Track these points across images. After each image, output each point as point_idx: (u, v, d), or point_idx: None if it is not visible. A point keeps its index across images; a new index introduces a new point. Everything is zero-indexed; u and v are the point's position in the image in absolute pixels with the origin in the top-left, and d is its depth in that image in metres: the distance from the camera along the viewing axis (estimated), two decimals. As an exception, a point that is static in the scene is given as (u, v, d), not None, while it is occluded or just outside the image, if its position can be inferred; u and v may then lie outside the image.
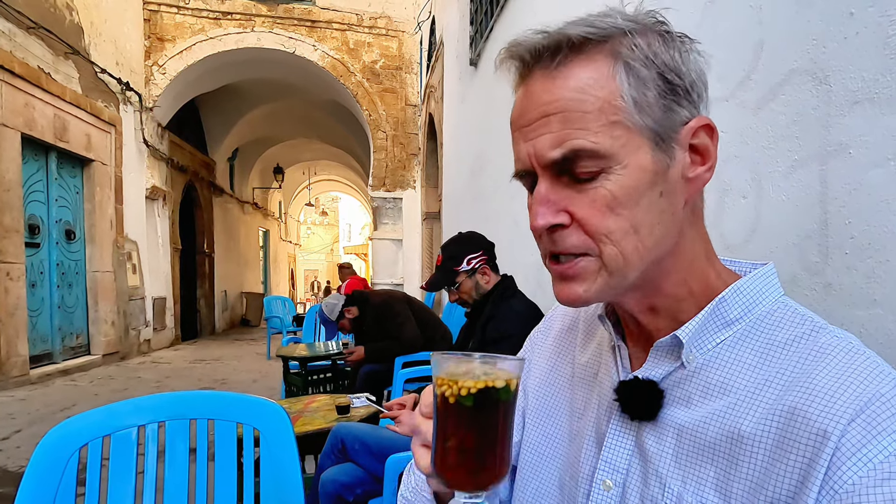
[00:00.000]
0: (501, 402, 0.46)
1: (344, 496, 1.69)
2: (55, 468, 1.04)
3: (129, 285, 7.23)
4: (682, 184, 0.51)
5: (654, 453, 0.53)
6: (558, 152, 0.48)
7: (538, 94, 0.50)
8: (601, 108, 0.48)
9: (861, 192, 0.89)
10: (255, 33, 8.20)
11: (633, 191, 0.49)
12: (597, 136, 0.47)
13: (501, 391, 0.46)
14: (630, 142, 0.48)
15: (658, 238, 0.50)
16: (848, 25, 0.92)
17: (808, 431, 0.43)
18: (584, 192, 0.49)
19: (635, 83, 0.48)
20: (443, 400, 0.46)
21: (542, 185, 0.51)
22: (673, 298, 0.54)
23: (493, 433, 0.46)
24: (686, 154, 0.51)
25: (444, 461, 0.47)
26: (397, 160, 8.87)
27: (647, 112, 0.48)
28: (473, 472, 0.46)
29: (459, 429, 0.46)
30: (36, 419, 4.02)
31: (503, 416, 0.47)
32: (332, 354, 3.91)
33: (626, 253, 0.50)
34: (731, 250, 1.22)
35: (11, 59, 5.08)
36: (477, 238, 2.14)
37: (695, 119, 0.51)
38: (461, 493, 0.47)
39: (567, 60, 0.49)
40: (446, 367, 0.47)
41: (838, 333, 0.49)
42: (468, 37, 4.73)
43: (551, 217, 0.50)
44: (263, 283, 16.02)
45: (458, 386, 0.45)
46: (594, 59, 0.49)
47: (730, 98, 1.22)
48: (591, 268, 0.51)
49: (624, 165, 0.48)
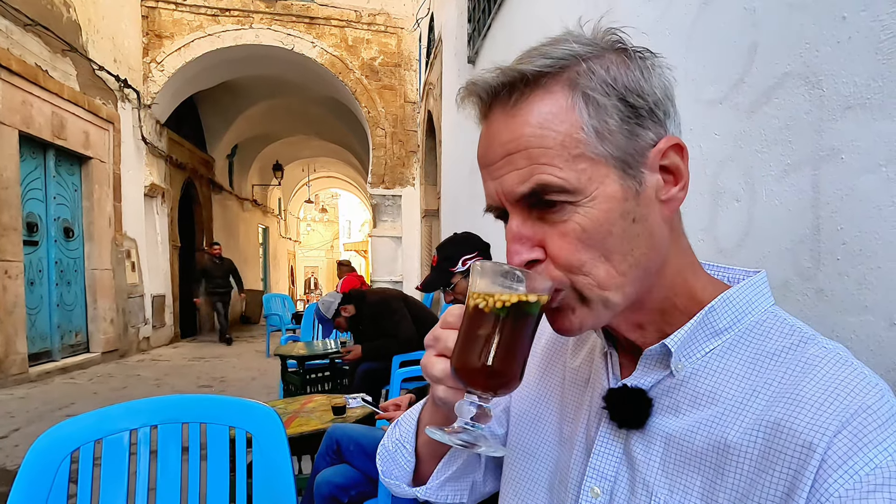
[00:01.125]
0: (531, 316, 0.49)
1: (339, 497, 1.69)
2: (46, 472, 1.04)
3: (127, 283, 7.23)
4: (657, 205, 0.51)
5: (642, 461, 0.53)
6: (526, 187, 0.48)
7: (499, 132, 0.50)
8: (563, 143, 0.47)
9: (853, 197, 0.89)
10: (253, 30, 8.18)
11: (604, 222, 0.48)
12: (562, 171, 0.47)
13: (533, 305, 0.49)
14: (596, 173, 0.48)
15: (633, 262, 0.50)
16: (841, 29, 0.91)
17: (793, 443, 0.43)
18: (555, 226, 0.49)
19: (595, 113, 0.48)
20: (475, 309, 0.50)
21: (514, 222, 0.51)
22: (658, 313, 0.54)
23: (516, 343, 0.50)
24: (657, 176, 0.51)
25: (467, 362, 0.50)
26: (396, 157, 8.86)
27: (610, 140, 0.48)
28: (490, 376, 0.49)
29: (489, 336, 0.49)
30: (35, 417, 4.03)
31: (527, 329, 0.50)
32: (330, 353, 3.91)
33: (599, 280, 0.49)
34: (724, 254, 1.21)
35: (8, 57, 5.07)
36: (473, 239, 2.14)
37: (662, 140, 0.50)
38: (473, 393, 0.50)
39: (524, 97, 0.49)
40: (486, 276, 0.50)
41: (826, 344, 0.49)
42: (466, 34, 4.72)
43: (526, 254, 0.50)
44: (263, 280, 16.03)
45: (494, 298, 0.48)
46: (552, 90, 0.48)
47: (723, 101, 1.21)
48: (570, 299, 0.51)
49: (592, 198, 0.48)
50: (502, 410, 0.72)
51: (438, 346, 0.53)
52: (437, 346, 0.54)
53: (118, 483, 1.10)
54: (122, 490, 1.10)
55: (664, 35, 1.45)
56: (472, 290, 0.50)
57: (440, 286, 2.07)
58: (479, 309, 0.49)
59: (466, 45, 4.68)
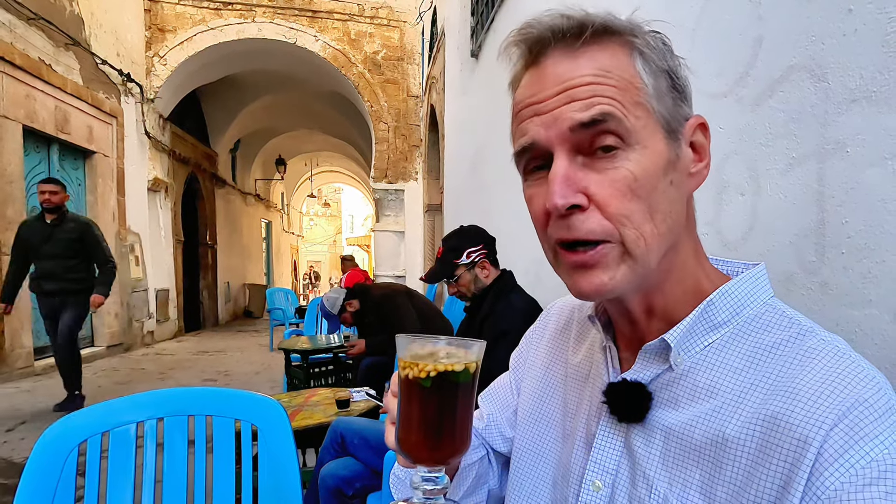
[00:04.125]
0: (460, 385, 0.49)
1: (343, 490, 1.70)
2: (54, 464, 1.05)
3: (132, 277, 7.25)
4: (686, 178, 0.52)
5: (642, 455, 0.53)
6: (587, 114, 0.47)
7: (560, 71, 0.49)
8: (626, 88, 0.48)
9: (858, 191, 0.89)
10: (255, 24, 8.17)
11: (652, 174, 0.48)
12: (625, 108, 0.48)
13: (460, 374, 0.48)
14: (649, 124, 0.49)
15: (669, 226, 0.50)
16: (847, 22, 0.91)
17: (790, 436, 0.44)
18: (604, 173, 0.48)
19: (650, 72, 0.49)
20: (406, 380, 0.49)
21: (560, 162, 0.48)
22: (670, 297, 0.54)
23: (451, 412, 0.49)
24: (689, 150, 0.53)
25: (407, 437, 0.50)
26: (399, 152, 8.85)
27: (662, 100, 0.50)
28: (432, 448, 0.49)
29: (420, 407, 0.49)
30: (40, 411, 4.05)
31: (462, 397, 0.49)
32: (334, 347, 3.92)
33: (646, 237, 0.49)
34: (727, 248, 1.21)
35: (12, 51, 5.07)
36: (478, 232, 2.14)
37: (693, 117, 0.53)
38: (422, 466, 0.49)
39: (589, 43, 0.49)
40: (409, 349, 0.49)
41: (825, 337, 0.49)
42: (469, 28, 4.70)
43: (571, 196, 0.48)
44: (266, 274, 16.06)
45: (418, 368, 0.48)
46: (611, 47, 0.49)
47: (728, 94, 1.21)
48: (613, 254, 0.49)
49: (644, 146, 0.48)
50: (512, 412, 0.73)
51: (390, 414, 0.53)
52: (389, 414, 0.54)
53: (125, 475, 1.11)
54: (129, 482, 1.10)
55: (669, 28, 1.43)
56: (400, 357, 0.49)
57: (444, 278, 2.07)
58: (409, 379, 0.48)
59: (469, 39, 4.67)
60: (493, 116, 3.80)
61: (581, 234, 0.49)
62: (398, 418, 0.50)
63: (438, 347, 0.49)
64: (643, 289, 0.53)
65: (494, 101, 3.80)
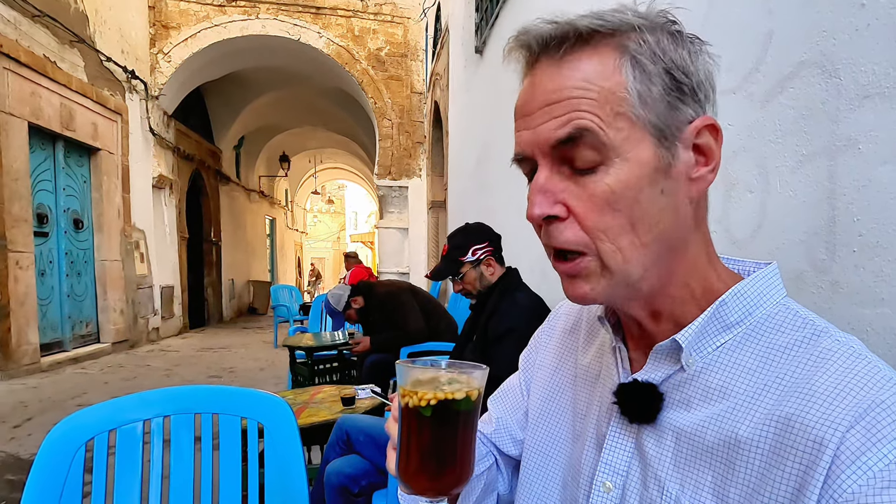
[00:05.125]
0: (461, 413, 0.47)
1: (349, 488, 1.70)
2: (62, 462, 1.06)
3: (137, 274, 7.28)
4: (686, 183, 0.51)
5: (654, 456, 0.53)
6: (563, 131, 0.48)
7: (543, 82, 0.50)
8: (606, 99, 0.47)
9: (870, 188, 0.88)
10: (259, 20, 8.16)
11: (632, 186, 0.48)
12: (602, 122, 0.47)
13: (461, 402, 0.47)
14: (632, 135, 0.48)
15: (656, 235, 0.50)
16: (859, 17, 0.90)
17: (805, 438, 0.43)
18: (583, 186, 0.49)
19: (640, 77, 0.48)
20: (406, 408, 0.48)
21: (542, 174, 0.50)
22: (676, 301, 0.54)
23: (451, 442, 0.48)
24: (690, 153, 0.51)
25: (407, 467, 0.48)
26: (403, 148, 8.84)
27: (651, 107, 0.48)
28: (433, 479, 0.48)
29: (420, 437, 0.48)
30: (47, 407, 4.08)
31: (463, 426, 0.48)
32: (339, 344, 3.93)
33: (623, 249, 0.49)
34: (736, 246, 1.20)
35: (17, 48, 5.08)
36: (484, 229, 2.13)
37: (699, 118, 0.51)
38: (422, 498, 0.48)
39: (573, 50, 0.49)
40: (409, 376, 0.48)
41: (840, 337, 0.48)
42: (473, 24, 4.68)
43: (547, 207, 0.50)
44: (270, 271, 16.10)
45: (417, 397, 0.47)
46: (600, 51, 0.48)
47: (737, 90, 1.19)
48: (592, 268, 0.50)
49: (624, 159, 0.48)
50: (523, 414, 0.73)
51: (391, 439, 0.53)
52: (391, 440, 0.53)
53: (132, 472, 1.11)
54: (137, 479, 1.11)
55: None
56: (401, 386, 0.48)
57: (449, 275, 2.07)
58: (409, 407, 0.47)
59: (474, 35, 4.65)
60: (498, 113, 3.78)
61: (559, 244, 0.51)
62: (399, 446, 0.50)
63: (440, 374, 0.47)
64: (639, 296, 0.53)
65: (499, 98, 3.78)
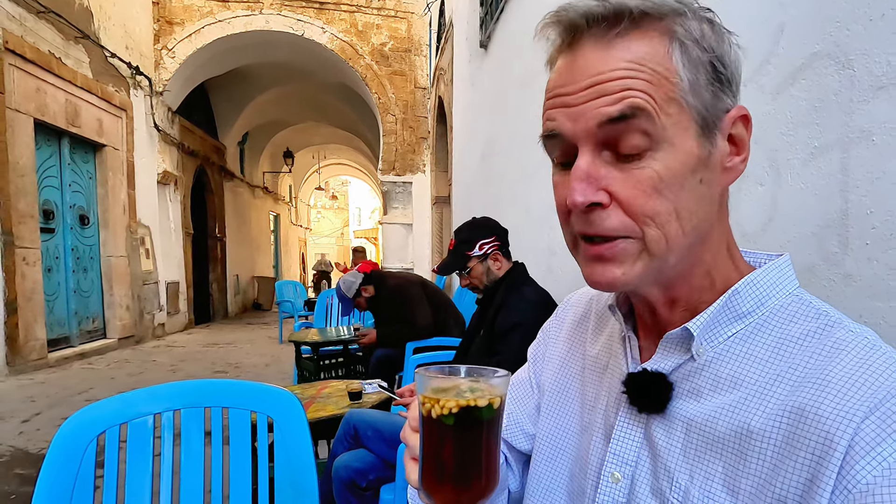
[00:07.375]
0: (484, 421, 0.46)
1: (357, 482, 1.71)
2: (73, 456, 1.06)
3: (142, 270, 7.31)
4: (720, 173, 0.51)
5: (663, 446, 0.52)
6: (616, 108, 0.46)
7: (591, 62, 0.48)
8: (659, 82, 0.46)
9: (884, 180, 0.87)
10: (263, 16, 8.15)
11: (679, 174, 0.47)
12: (656, 104, 0.46)
13: (484, 410, 0.45)
14: (681, 121, 0.47)
15: (695, 225, 0.49)
16: (873, 7, 0.89)
17: (818, 429, 0.43)
18: (628, 172, 0.47)
19: (689, 64, 0.47)
20: (427, 417, 0.46)
21: (583, 159, 0.48)
22: (696, 290, 0.53)
23: (476, 451, 0.46)
24: (726, 144, 0.50)
25: (430, 478, 0.47)
26: (407, 144, 8.83)
27: (699, 95, 0.47)
28: (458, 491, 0.46)
29: (443, 447, 0.46)
30: (55, 402, 4.10)
31: (486, 434, 0.46)
32: (344, 339, 3.94)
33: (669, 237, 0.48)
34: (747, 238, 1.20)
35: (22, 44, 5.09)
36: (491, 224, 2.13)
37: (735, 108, 0.50)
38: None
39: (625, 32, 0.47)
40: (430, 384, 0.46)
41: (854, 328, 0.48)
42: (478, 18, 4.66)
43: (591, 194, 0.47)
44: (274, 267, 16.14)
45: (440, 405, 0.45)
46: (650, 35, 0.47)
47: (748, 82, 1.19)
48: (631, 250, 0.49)
49: (672, 145, 0.47)
50: (534, 408, 0.72)
51: (408, 451, 0.52)
52: (408, 449, 0.52)
53: (143, 465, 1.12)
54: (147, 472, 1.11)
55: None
56: (420, 394, 0.47)
57: (456, 270, 2.07)
58: (430, 416, 0.46)
59: (479, 30, 4.63)
60: (503, 108, 3.77)
61: (601, 231, 0.49)
62: (421, 457, 0.48)
63: (460, 381, 0.46)
64: (661, 282, 0.53)
65: (504, 93, 3.77)
